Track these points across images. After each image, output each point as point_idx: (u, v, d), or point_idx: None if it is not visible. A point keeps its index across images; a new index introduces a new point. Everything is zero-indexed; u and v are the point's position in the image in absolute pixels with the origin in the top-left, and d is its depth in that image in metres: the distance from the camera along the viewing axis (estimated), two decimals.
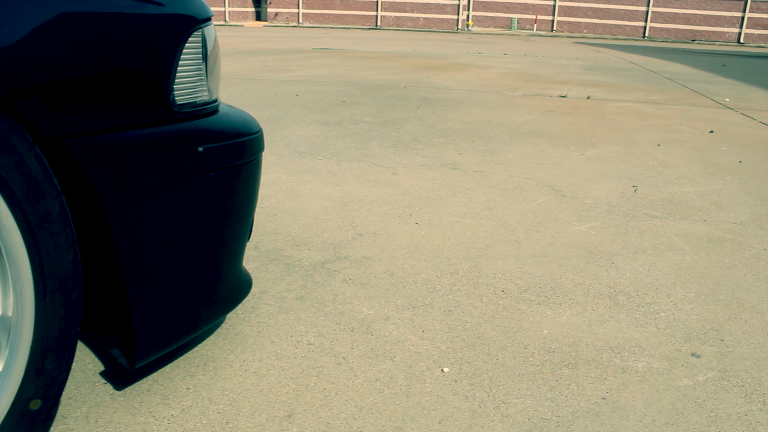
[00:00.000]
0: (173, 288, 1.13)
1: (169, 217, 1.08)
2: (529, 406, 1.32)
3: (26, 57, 0.83)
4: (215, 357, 1.43)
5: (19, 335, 0.92)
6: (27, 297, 0.91)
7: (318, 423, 1.22)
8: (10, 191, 0.86)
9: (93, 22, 0.92)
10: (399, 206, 2.53)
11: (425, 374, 1.41)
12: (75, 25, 0.89)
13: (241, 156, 1.22)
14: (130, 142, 0.99)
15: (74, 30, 0.89)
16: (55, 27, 0.87)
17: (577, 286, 1.89)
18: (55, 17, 0.87)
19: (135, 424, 1.20)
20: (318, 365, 1.42)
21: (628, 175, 3.21)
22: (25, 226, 0.88)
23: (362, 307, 1.68)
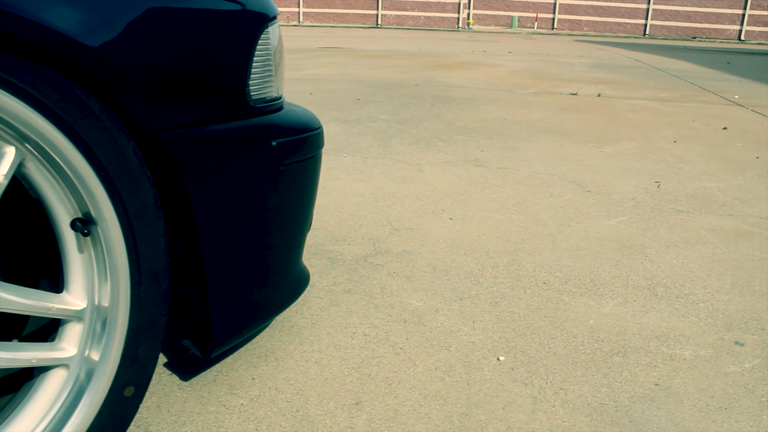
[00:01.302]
0: (247, 278, 1.16)
1: (245, 210, 1.11)
2: (587, 392, 1.36)
3: (126, 52, 0.86)
4: (275, 348, 1.47)
5: (114, 324, 0.95)
6: (122, 287, 0.94)
7: (386, 410, 1.26)
8: (112, 183, 0.89)
9: (180, 17, 0.95)
10: (430, 202, 2.56)
11: (482, 363, 1.44)
12: (164, 20, 0.92)
13: (307, 150, 1.25)
14: (214, 135, 1.02)
15: (164, 25, 0.92)
16: (147, 22, 0.90)
17: (615, 278, 1.93)
18: (146, 12, 0.90)
19: (207, 413, 1.23)
20: (377, 355, 1.45)
21: (649, 171, 3.24)
22: (123, 217, 0.91)
23: (411, 300, 1.72)
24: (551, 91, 6.16)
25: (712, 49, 15.88)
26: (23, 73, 0.79)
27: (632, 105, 5.49)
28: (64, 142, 0.84)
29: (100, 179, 0.88)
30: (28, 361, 0.94)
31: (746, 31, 23.42)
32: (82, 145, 0.86)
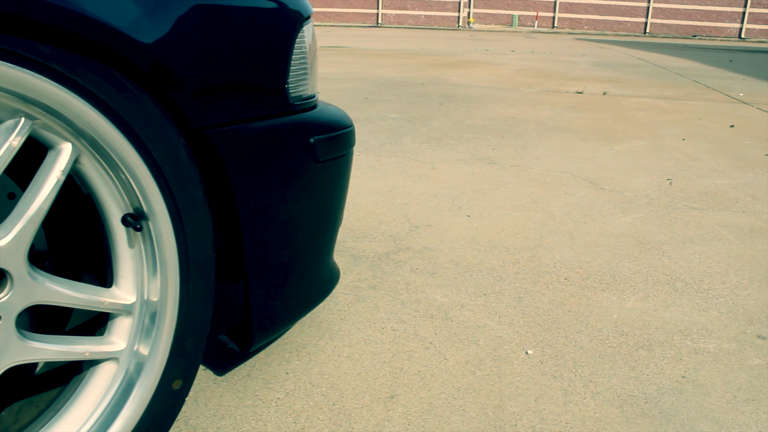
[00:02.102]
0: (285, 273, 1.18)
1: (285, 205, 1.13)
2: (616, 384, 1.38)
3: (177, 48, 0.88)
4: (306, 344, 1.49)
5: (163, 318, 0.97)
6: (172, 281, 0.96)
7: (421, 403, 1.28)
8: (164, 179, 0.91)
9: (225, 14, 0.97)
10: (446, 199, 2.58)
11: (511, 356, 1.46)
12: (211, 17, 0.94)
13: (341, 147, 1.27)
14: (257, 132, 1.04)
15: (211, 22, 0.94)
16: (195, 19, 0.92)
17: (635, 274, 1.95)
18: (193, 9, 0.91)
19: (244, 407, 1.25)
20: (407, 350, 1.47)
21: (659, 168, 3.26)
22: (174, 212, 0.93)
23: (435, 295, 1.74)
24: (557, 89, 6.18)
25: (714, 48, 15.91)
26: (82, 70, 0.81)
27: (638, 103, 5.51)
28: (120, 139, 0.86)
29: (153, 175, 0.90)
30: (82, 354, 0.95)
31: (747, 29, 23.44)
32: (136, 141, 0.88)
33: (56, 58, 0.79)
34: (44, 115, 0.83)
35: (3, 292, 0.85)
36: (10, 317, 0.85)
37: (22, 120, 0.82)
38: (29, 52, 0.76)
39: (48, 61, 0.78)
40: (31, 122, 0.83)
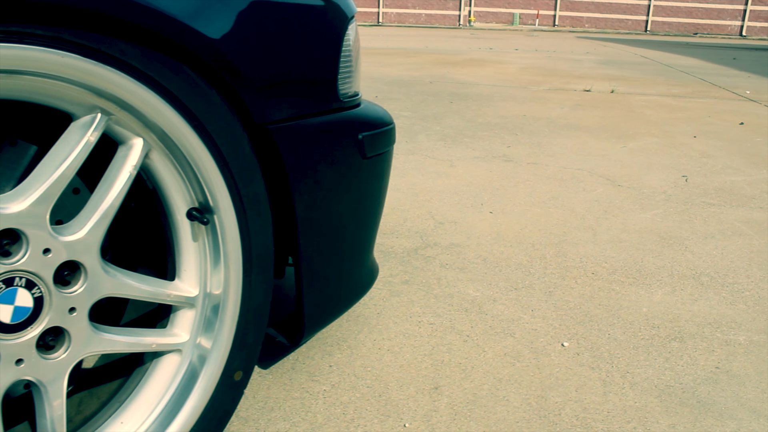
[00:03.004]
0: (334, 266, 1.21)
1: (336, 200, 1.16)
2: (652, 375, 1.41)
3: (243, 44, 0.91)
4: (346, 337, 1.51)
5: (226, 311, 0.99)
6: (234, 274, 0.99)
7: (465, 394, 1.31)
8: (230, 173, 0.93)
9: (284, 11, 0.99)
10: (468, 196, 2.61)
11: (548, 349, 1.49)
12: (271, 13, 0.97)
13: (385, 144, 1.30)
14: (313, 128, 1.06)
15: (272, 19, 0.96)
16: (257, 15, 0.94)
17: (660, 269, 1.97)
18: (255, 5, 0.94)
19: (292, 399, 1.27)
20: (446, 342, 1.50)
21: (674, 165, 3.29)
22: (239, 206, 0.96)
23: (468, 290, 1.76)
24: (564, 87, 6.20)
25: (716, 45, 15.93)
26: (158, 66, 0.83)
27: (646, 101, 5.54)
28: (190, 134, 0.89)
29: (220, 170, 0.93)
30: (149, 345, 0.98)
31: (747, 26, 23.47)
32: (205, 136, 0.90)
33: (134, 55, 0.81)
34: (119, 110, 0.85)
35: (77, 285, 0.87)
36: (84, 309, 0.88)
37: (98, 116, 0.84)
38: (111, 49, 0.79)
39: (127, 57, 0.80)
40: (107, 118, 0.85)
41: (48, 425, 0.87)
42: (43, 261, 0.83)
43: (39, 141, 1.00)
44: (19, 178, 1.02)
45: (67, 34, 0.75)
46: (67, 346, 0.88)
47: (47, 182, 0.82)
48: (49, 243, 0.82)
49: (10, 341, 0.82)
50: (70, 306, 0.86)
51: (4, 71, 0.74)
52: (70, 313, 0.86)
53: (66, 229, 0.85)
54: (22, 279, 0.82)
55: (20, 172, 1.03)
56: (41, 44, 0.74)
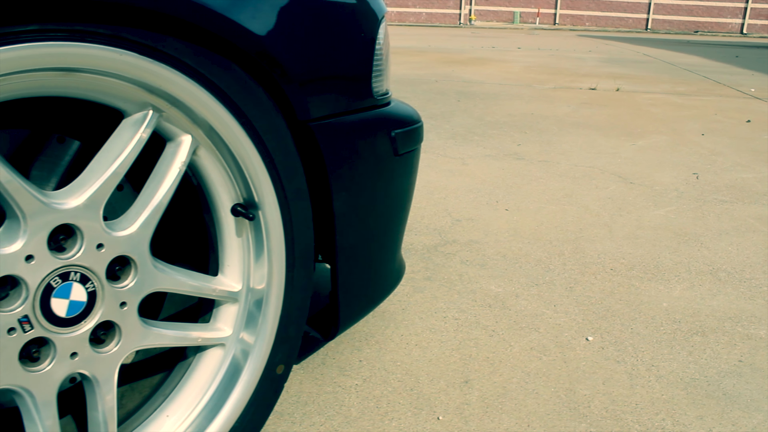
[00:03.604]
0: (368, 261, 1.22)
1: (370, 197, 1.18)
2: (677, 368, 1.43)
3: (288, 42, 0.92)
4: (373, 333, 1.53)
5: (269, 305, 1.01)
6: (277, 269, 1.00)
7: (495, 387, 1.32)
8: (275, 170, 0.95)
9: (325, 9, 1.01)
10: (482, 194, 2.62)
11: (573, 343, 1.51)
12: (313, 11, 0.98)
13: (414, 141, 1.31)
14: (350, 125, 1.08)
15: (313, 17, 0.98)
16: (300, 13, 0.96)
17: (677, 264, 1.99)
18: (299, 3, 0.96)
19: (325, 393, 1.29)
20: (472, 337, 1.52)
21: (684, 163, 3.31)
22: (284, 202, 0.97)
23: (490, 286, 1.78)
24: (570, 86, 6.22)
25: (718, 43, 15.95)
26: (209, 64, 0.85)
27: (652, 99, 5.56)
28: (239, 130, 0.90)
29: (266, 166, 0.94)
30: (195, 340, 1.00)
31: (748, 24, 23.49)
32: (252, 132, 0.92)
33: (188, 53, 0.83)
34: (170, 107, 0.87)
35: (128, 280, 0.89)
36: (134, 304, 0.90)
37: (150, 112, 0.86)
38: (166, 47, 0.80)
39: (181, 55, 0.82)
40: (158, 115, 0.87)
41: (100, 418, 0.89)
42: (96, 256, 0.84)
43: (82, 138, 1.02)
44: (62, 174, 1.04)
45: (126, 33, 0.77)
46: (117, 339, 0.89)
47: (101, 178, 0.83)
48: (103, 238, 0.84)
49: (65, 335, 0.84)
50: (121, 300, 0.88)
51: (65, 69, 0.76)
52: (121, 308, 0.88)
53: (117, 224, 0.87)
54: (77, 274, 0.84)
55: (63, 167, 1.05)
56: (102, 42, 0.75)
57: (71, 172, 1.00)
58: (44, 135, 0.97)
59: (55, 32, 0.72)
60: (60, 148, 0.98)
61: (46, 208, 0.79)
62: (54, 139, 0.97)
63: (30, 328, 0.81)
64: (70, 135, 0.98)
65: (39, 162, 0.98)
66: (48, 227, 0.80)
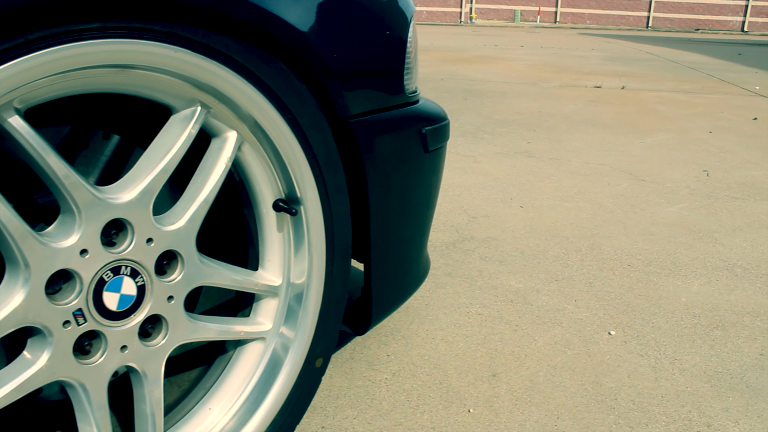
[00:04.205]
0: (399, 256, 1.24)
1: (402, 193, 1.19)
2: (699, 361, 1.45)
3: (331, 40, 0.94)
4: (399, 328, 1.55)
5: (309, 299, 1.03)
6: (317, 264, 1.02)
7: (522, 380, 1.34)
8: (318, 165, 0.97)
9: (363, 7, 1.03)
10: (496, 191, 2.64)
11: (595, 337, 1.53)
12: (353, 9, 1.00)
13: (442, 138, 1.33)
14: (385, 122, 1.10)
15: (353, 14, 1.00)
16: (340, 10, 0.98)
17: (693, 260, 2.01)
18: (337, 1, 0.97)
19: (356, 388, 1.31)
20: (496, 332, 1.54)
21: (693, 160, 3.33)
22: (324, 198, 0.99)
23: (510, 281, 1.80)
24: (575, 84, 6.24)
25: (720, 41, 15.97)
26: (258, 61, 0.86)
27: (658, 97, 5.57)
28: (284, 126, 0.92)
29: (309, 162, 0.96)
30: (238, 333, 1.02)
31: (749, 22, 23.50)
32: (297, 129, 0.94)
33: (237, 50, 0.84)
34: (217, 103, 0.88)
35: (175, 274, 0.90)
36: (181, 298, 0.91)
37: (198, 109, 0.88)
38: (217, 44, 0.82)
39: (231, 52, 0.83)
40: (206, 111, 0.89)
41: (147, 410, 0.91)
42: (146, 250, 0.86)
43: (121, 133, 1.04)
44: (102, 168, 1.06)
45: (180, 30, 0.78)
46: (165, 333, 0.91)
47: (152, 173, 0.85)
48: (152, 233, 0.86)
49: (116, 328, 0.85)
50: (168, 294, 0.90)
51: (121, 66, 0.78)
52: (168, 301, 0.90)
53: (165, 219, 0.89)
54: (128, 268, 0.86)
55: (104, 162, 1.07)
56: (158, 40, 0.77)
57: (110, 167, 1.02)
58: (86, 130, 0.98)
59: (114, 29, 0.74)
60: (104, 143, 1.00)
61: (100, 203, 0.80)
62: (99, 134, 0.98)
63: (83, 322, 0.83)
64: (109, 130, 0.99)
65: (81, 157, 1.00)
66: (102, 222, 0.82)
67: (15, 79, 0.70)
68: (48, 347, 0.81)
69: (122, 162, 1.08)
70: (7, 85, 0.70)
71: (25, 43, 0.69)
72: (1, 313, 0.77)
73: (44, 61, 0.71)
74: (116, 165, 1.06)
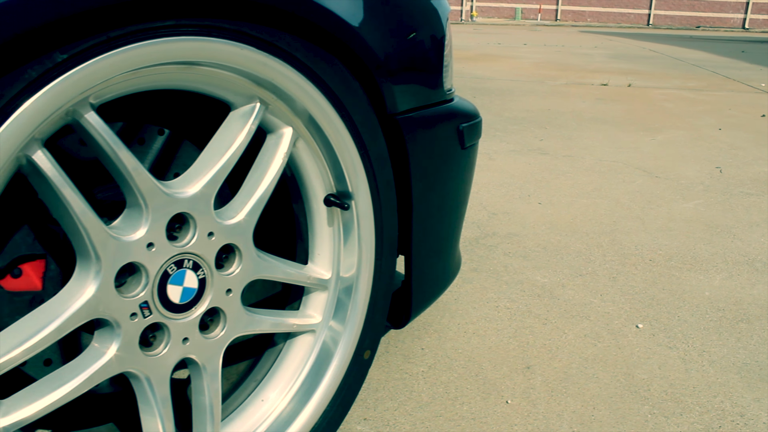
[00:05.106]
0: (436, 252, 1.27)
1: (441, 188, 1.22)
2: (727, 353, 1.47)
3: (384, 38, 0.96)
4: (431, 322, 1.57)
5: (358, 293, 1.05)
6: (367, 258, 1.04)
7: (556, 372, 1.37)
8: (369, 161, 0.99)
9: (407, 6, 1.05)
10: (514, 188, 2.67)
11: (624, 330, 1.55)
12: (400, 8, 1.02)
13: (476, 135, 1.35)
14: (428, 119, 1.12)
15: (400, 13, 1.02)
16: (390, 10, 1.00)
17: (713, 255, 2.04)
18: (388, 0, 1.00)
19: (394, 380, 1.34)
20: (526, 325, 1.56)
21: (705, 157, 3.36)
22: (375, 192, 1.02)
23: (535, 276, 1.83)
24: (581, 82, 6.26)
25: (722, 39, 15.99)
26: (316, 59, 0.88)
27: (665, 94, 5.60)
28: (339, 122, 0.94)
29: (361, 157, 0.98)
30: (291, 326, 1.04)
31: (750, 19, 23.52)
32: (351, 125, 0.96)
33: (298, 47, 0.86)
34: (275, 100, 0.91)
35: (233, 267, 0.93)
36: (238, 291, 0.94)
37: (257, 105, 0.90)
38: (280, 41, 0.84)
39: (292, 50, 0.86)
40: (265, 107, 0.91)
41: (206, 402, 0.93)
42: (207, 244, 0.88)
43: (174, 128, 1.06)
44: (152, 162, 1.08)
45: (247, 28, 0.81)
46: (223, 325, 0.94)
47: (214, 168, 0.87)
48: (214, 227, 0.88)
49: (178, 320, 0.88)
50: (227, 287, 0.92)
51: (188, 62, 0.80)
52: (227, 294, 0.92)
53: (224, 213, 0.91)
54: (190, 261, 0.88)
55: (154, 156, 1.09)
56: (225, 37, 0.79)
57: (159, 162, 1.04)
58: (137, 125, 1.01)
59: (187, 27, 0.76)
60: (158, 139, 1.02)
61: (167, 197, 0.83)
62: (155, 130, 1.01)
63: (149, 314, 0.85)
64: (162, 125, 1.02)
65: (136, 152, 1.02)
66: (167, 216, 0.84)
67: (96, 76, 0.72)
68: (116, 339, 0.84)
69: (170, 156, 1.10)
70: (89, 81, 0.72)
71: (107, 40, 0.71)
72: (75, 305, 0.80)
73: (123, 58, 0.73)
74: (164, 159, 1.09)
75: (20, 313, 0.94)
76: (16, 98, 0.65)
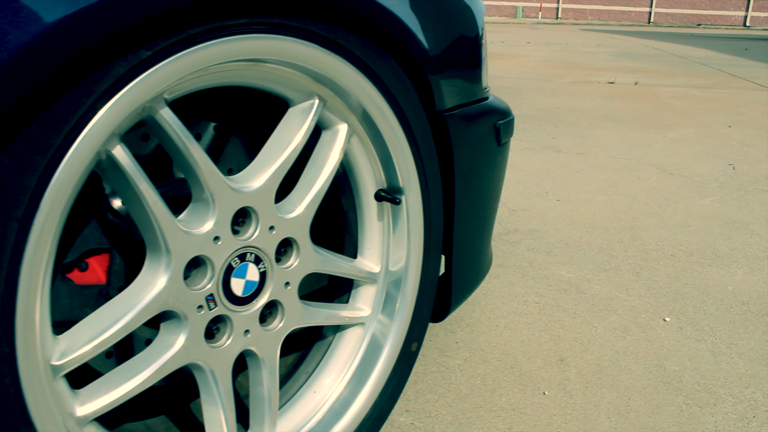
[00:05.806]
0: (474, 247, 1.30)
1: (480, 184, 1.24)
2: (755, 346, 1.50)
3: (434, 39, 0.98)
4: (462, 317, 1.60)
5: (407, 286, 1.08)
6: (415, 252, 1.07)
7: (589, 364, 1.40)
8: (419, 156, 1.01)
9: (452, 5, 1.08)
10: (531, 186, 2.70)
11: (651, 323, 1.58)
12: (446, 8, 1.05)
13: (510, 132, 1.38)
14: (470, 116, 1.15)
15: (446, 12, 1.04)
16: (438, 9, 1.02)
17: (733, 250, 2.07)
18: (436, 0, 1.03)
19: (431, 373, 1.36)
20: (556, 319, 1.59)
21: (717, 154, 3.39)
22: (424, 188, 1.04)
23: (560, 272, 1.86)
24: (588, 80, 6.29)
25: (723, 36, 16.01)
26: (373, 57, 0.90)
27: (672, 92, 5.62)
28: (393, 119, 0.96)
29: (413, 153, 1.01)
30: (343, 319, 1.07)
31: (751, 16, 23.54)
32: (404, 121, 0.98)
33: (356, 45, 0.88)
34: (332, 97, 0.93)
35: (291, 260, 0.95)
36: (296, 284, 0.96)
37: (315, 102, 0.93)
38: (340, 39, 0.86)
39: (352, 47, 0.88)
40: (323, 104, 0.94)
41: (264, 393, 0.96)
42: (268, 237, 0.91)
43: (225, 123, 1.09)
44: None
45: (311, 26, 0.83)
46: (281, 318, 0.96)
47: (275, 163, 0.90)
48: (274, 221, 0.91)
49: (241, 313, 0.90)
50: (286, 280, 0.95)
51: (256, 60, 0.82)
52: (285, 287, 0.95)
53: (283, 207, 0.94)
54: (252, 254, 0.91)
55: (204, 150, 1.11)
56: (292, 35, 0.82)
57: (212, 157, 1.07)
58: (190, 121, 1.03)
59: (258, 25, 0.79)
60: (212, 135, 1.05)
61: (232, 192, 0.85)
62: (210, 126, 1.04)
63: (214, 306, 0.88)
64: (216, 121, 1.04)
65: None
66: (232, 210, 0.86)
67: (175, 72, 0.75)
68: (184, 330, 0.86)
69: (219, 150, 1.13)
70: (168, 77, 0.74)
71: (186, 38, 0.74)
72: (147, 297, 0.83)
73: (200, 55, 0.76)
74: (215, 155, 1.11)
75: (88, 306, 0.97)
76: (104, 94, 0.68)
